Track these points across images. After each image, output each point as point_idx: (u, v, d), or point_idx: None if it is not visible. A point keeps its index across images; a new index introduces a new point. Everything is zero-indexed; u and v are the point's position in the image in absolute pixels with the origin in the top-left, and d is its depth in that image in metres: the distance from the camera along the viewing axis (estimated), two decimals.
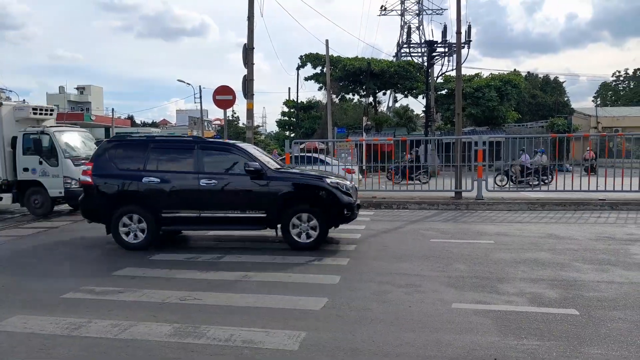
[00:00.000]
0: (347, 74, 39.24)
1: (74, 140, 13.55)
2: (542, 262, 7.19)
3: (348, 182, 8.82)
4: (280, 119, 44.15)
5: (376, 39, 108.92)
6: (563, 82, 61.78)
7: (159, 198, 8.33)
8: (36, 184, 12.78)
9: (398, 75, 39.13)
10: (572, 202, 12.57)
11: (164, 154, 8.65)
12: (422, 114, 37.06)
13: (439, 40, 26.81)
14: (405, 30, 42.03)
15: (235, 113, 63.62)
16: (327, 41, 32.50)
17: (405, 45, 44.03)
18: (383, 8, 55.29)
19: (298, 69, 40.13)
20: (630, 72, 71.14)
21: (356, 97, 45.98)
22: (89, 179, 8.59)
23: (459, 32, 20.92)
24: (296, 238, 8.18)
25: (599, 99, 71.63)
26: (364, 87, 40.77)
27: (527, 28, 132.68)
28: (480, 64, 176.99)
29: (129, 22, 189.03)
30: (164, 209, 8.34)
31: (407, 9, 55.80)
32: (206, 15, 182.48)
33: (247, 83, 16.32)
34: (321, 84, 40.41)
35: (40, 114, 13.58)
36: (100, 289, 6.24)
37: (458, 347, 4.27)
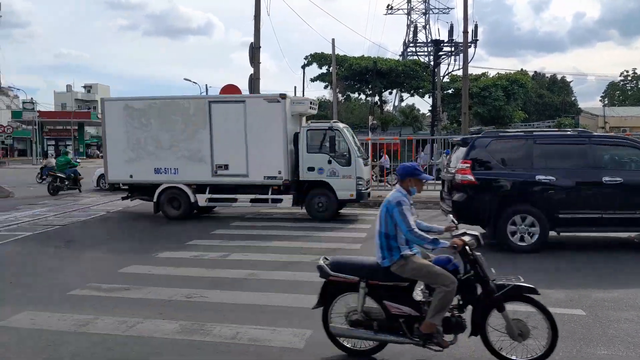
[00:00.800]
0: (353, 73, 39.24)
1: (353, 137, 12.38)
2: (547, 261, 7.16)
3: None
4: None
5: (382, 38, 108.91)
6: (570, 82, 61.38)
7: (556, 197, 7.82)
8: (320, 184, 11.45)
9: (404, 74, 39.07)
10: None
11: (552, 150, 8.12)
12: (428, 113, 36.96)
13: (446, 40, 26.76)
14: (412, 29, 41.98)
15: None
16: (333, 40, 32.72)
17: (411, 45, 44.02)
18: (389, 7, 55.03)
19: (304, 67, 40.15)
20: (638, 71, 70.66)
21: (362, 96, 45.96)
22: (471, 178, 8.05)
23: (465, 32, 20.90)
24: None
25: (606, 99, 71.25)
26: (370, 86, 40.72)
27: (534, 27, 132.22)
28: (487, 63, 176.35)
29: (135, 21, 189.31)
30: (561, 209, 7.77)
31: (414, 7, 55.58)
32: (211, 14, 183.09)
33: (254, 82, 16.37)
34: (327, 83, 40.38)
35: (312, 108, 12.59)
36: (107, 286, 6.28)
37: (462, 346, 4.27)
